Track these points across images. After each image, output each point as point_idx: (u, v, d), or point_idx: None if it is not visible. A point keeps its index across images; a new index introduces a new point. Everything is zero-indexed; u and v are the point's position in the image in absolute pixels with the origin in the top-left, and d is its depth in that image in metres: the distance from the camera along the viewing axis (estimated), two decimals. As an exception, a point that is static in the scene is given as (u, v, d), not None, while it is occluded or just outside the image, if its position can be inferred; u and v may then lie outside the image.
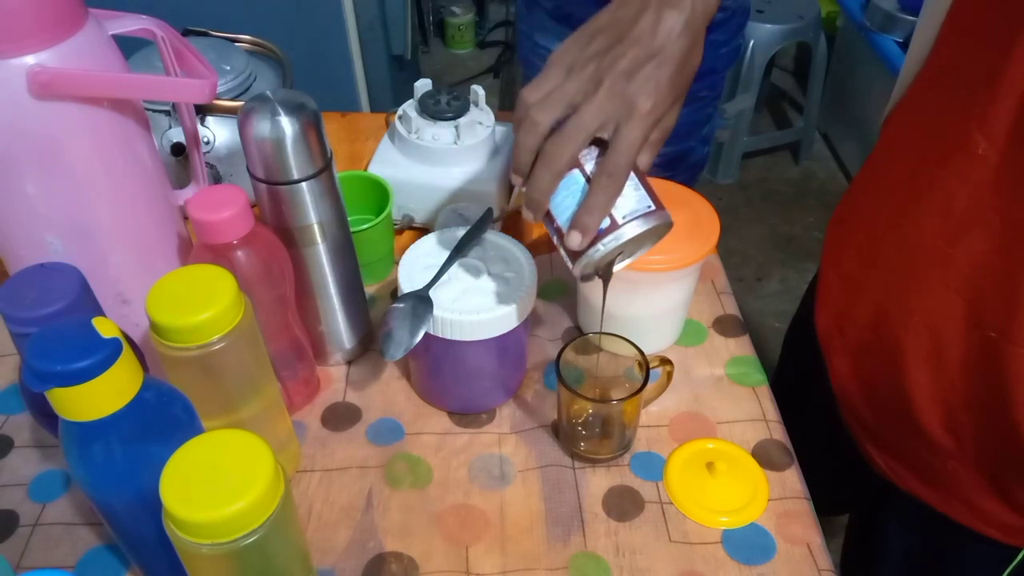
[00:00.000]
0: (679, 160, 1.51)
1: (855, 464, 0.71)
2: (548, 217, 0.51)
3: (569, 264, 0.51)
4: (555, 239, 0.52)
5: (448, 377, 0.64)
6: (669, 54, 0.48)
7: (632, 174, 0.49)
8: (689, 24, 0.48)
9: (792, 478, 0.62)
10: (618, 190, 0.48)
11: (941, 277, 0.54)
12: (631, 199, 0.49)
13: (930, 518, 0.65)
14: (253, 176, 0.57)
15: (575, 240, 0.49)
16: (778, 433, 0.65)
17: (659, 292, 0.67)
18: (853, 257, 0.65)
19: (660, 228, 0.50)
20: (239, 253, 0.54)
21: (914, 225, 0.57)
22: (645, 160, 0.52)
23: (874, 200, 0.63)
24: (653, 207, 0.49)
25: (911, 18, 1.90)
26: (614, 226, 0.49)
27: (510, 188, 0.83)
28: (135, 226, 0.59)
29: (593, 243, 0.49)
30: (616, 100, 0.47)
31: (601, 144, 0.49)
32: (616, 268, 0.54)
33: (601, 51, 0.48)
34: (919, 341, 0.57)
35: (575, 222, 0.49)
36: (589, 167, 0.49)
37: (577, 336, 0.65)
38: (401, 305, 0.58)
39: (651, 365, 0.59)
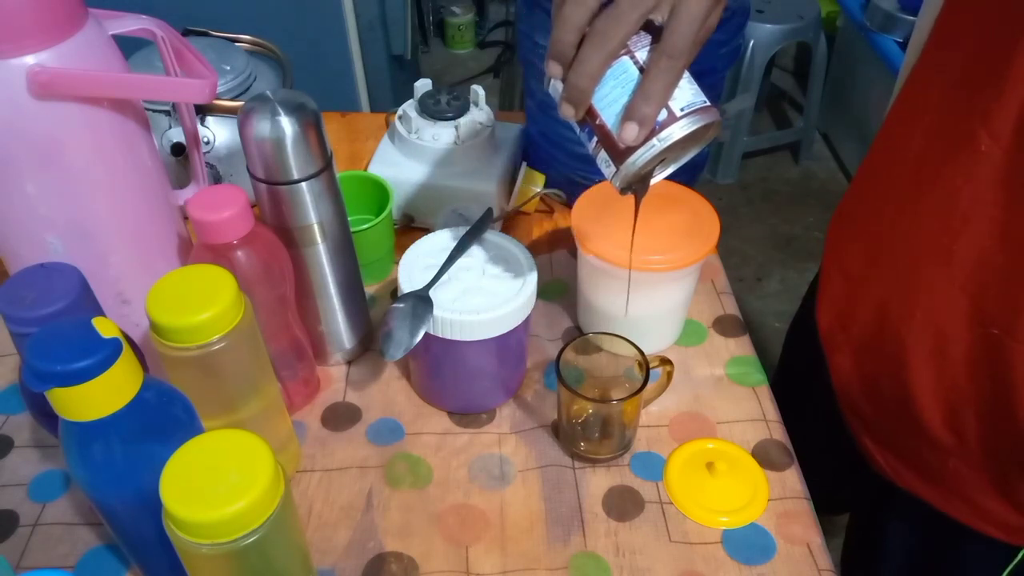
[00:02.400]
0: (679, 160, 1.51)
1: (855, 464, 0.71)
2: (589, 115, 0.46)
3: (610, 170, 0.47)
4: (593, 143, 0.47)
5: (448, 377, 0.64)
6: None
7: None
8: None
9: (792, 478, 0.62)
10: (679, 75, 0.44)
11: (944, 274, 0.54)
12: (687, 91, 0.45)
13: (930, 517, 0.65)
14: (253, 176, 0.57)
15: (631, 133, 0.44)
16: (778, 433, 0.65)
17: (659, 292, 0.67)
18: (856, 254, 0.65)
19: (713, 127, 0.46)
20: (239, 253, 0.54)
21: (917, 222, 0.57)
22: (687, 59, 0.47)
23: (877, 197, 0.63)
24: (708, 102, 0.45)
25: (911, 18, 1.90)
26: (671, 119, 0.44)
27: (510, 188, 0.83)
28: (135, 226, 0.59)
29: (648, 138, 0.44)
30: None
31: (651, 31, 0.45)
32: (654, 180, 0.51)
33: None
34: (922, 338, 0.57)
35: (631, 111, 0.44)
36: (641, 55, 0.44)
37: (577, 336, 0.65)
38: (401, 305, 0.58)
39: (651, 365, 0.59)
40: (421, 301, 0.58)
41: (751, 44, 2.09)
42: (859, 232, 0.65)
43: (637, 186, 0.50)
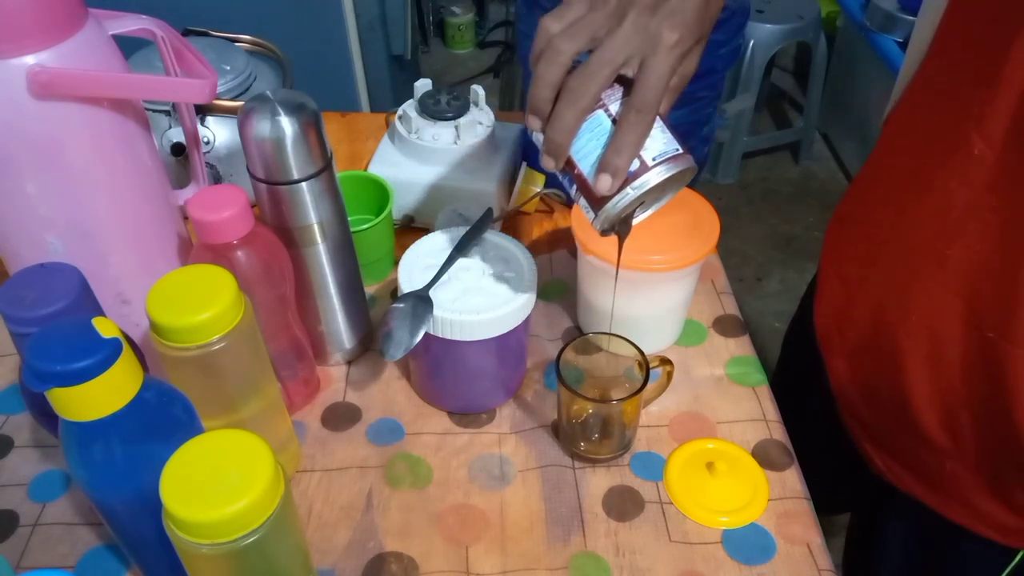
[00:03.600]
0: (679, 160, 1.50)
1: (855, 464, 0.71)
2: (568, 165, 0.48)
3: (591, 215, 0.49)
4: (573, 190, 0.49)
5: (448, 377, 0.64)
6: None
7: (656, 117, 0.47)
8: None
9: (792, 478, 0.62)
10: (648, 127, 0.46)
11: (939, 277, 0.54)
12: (659, 141, 0.47)
13: (929, 518, 0.65)
14: (253, 176, 0.57)
15: (605, 184, 0.46)
16: (778, 433, 0.65)
17: (659, 292, 0.67)
18: (853, 257, 0.65)
19: (687, 172, 0.48)
20: (239, 253, 0.54)
21: (913, 225, 0.57)
22: (664, 106, 0.49)
23: (874, 200, 0.63)
24: (681, 150, 0.47)
25: (911, 18, 1.90)
26: (643, 168, 0.46)
27: (510, 188, 0.83)
28: (135, 226, 0.59)
29: (622, 187, 0.47)
30: (641, 33, 0.45)
31: (624, 83, 0.47)
32: (635, 221, 0.52)
33: None
34: (918, 341, 0.57)
35: (604, 164, 0.46)
36: (614, 107, 0.47)
37: (577, 336, 0.65)
38: (401, 305, 0.58)
39: (651, 365, 0.59)
40: (421, 301, 0.58)
41: (751, 44, 2.09)
42: (856, 235, 0.65)
43: (620, 227, 0.52)
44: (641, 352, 0.59)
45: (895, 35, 1.94)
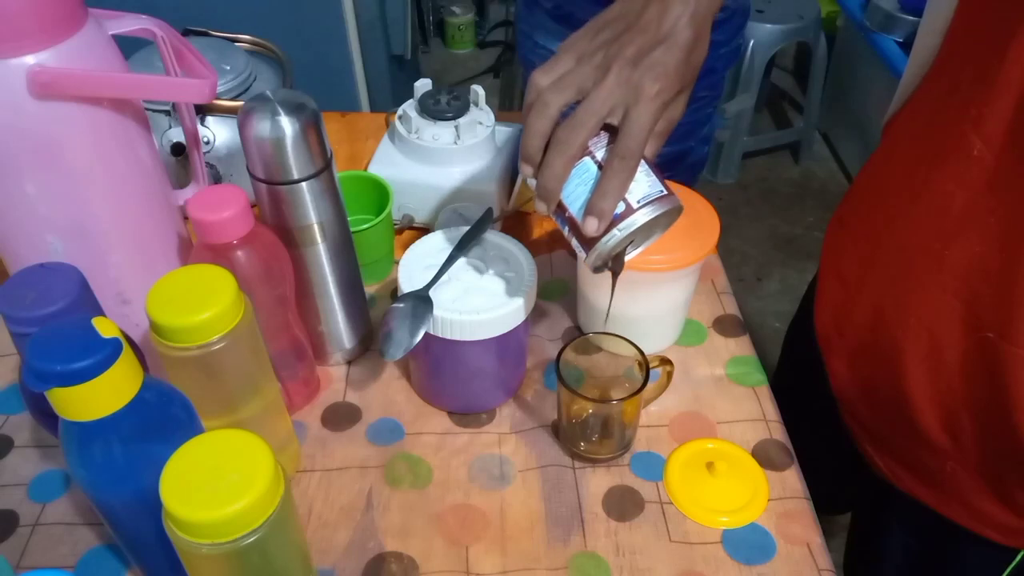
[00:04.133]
0: (679, 160, 1.51)
1: (855, 464, 0.71)
2: (560, 208, 0.51)
3: (583, 255, 0.52)
4: (566, 231, 0.52)
5: (448, 377, 0.64)
6: (674, 41, 0.48)
7: (642, 161, 0.50)
8: (694, 15, 0.49)
9: (792, 478, 0.62)
10: (631, 173, 0.49)
11: (938, 278, 0.54)
12: (644, 184, 0.50)
13: (930, 519, 0.65)
14: (253, 176, 0.57)
15: (592, 226, 0.49)
16: (778, 433, 0.65)
17: (659, 292, 0.67)
18: (852, 258, 0.65)
19: (672, 213, 0.51)
20: (239, 253, 0.54)
21: (911, 226, 0.57)
22: (651, 150, 0.52)
23: (874, 201, 0.63)
24: (665, 192, 0.50)
25: (911, 18, 1.90)
26: (629, 211, 0.49)
27: (510, 188, 0.83)
28: (135, 226, 0.59)
29: (609, 229, 0.49)
30: (624, 86, 0.48)
31: (610, 131, 0.49)
32: (627, 258, 0.55)
33: (609, 40, 0.49)
34: (917, 342, 0.57)
35: (590, 207, 0.49)
36: (600, 154, 0.50)
37: (577, 336, 0.65)
38: (401, 305, 0.58)
39: (651, 365, 0.59)
40: (421, 301, 0.58)
41: (751, 44, 2.09)
42: (856, 236, 0.65)
43: (613, 264, 0.55)
44: (641, 352, 0.59)
45: (895, 35, 1.94)
